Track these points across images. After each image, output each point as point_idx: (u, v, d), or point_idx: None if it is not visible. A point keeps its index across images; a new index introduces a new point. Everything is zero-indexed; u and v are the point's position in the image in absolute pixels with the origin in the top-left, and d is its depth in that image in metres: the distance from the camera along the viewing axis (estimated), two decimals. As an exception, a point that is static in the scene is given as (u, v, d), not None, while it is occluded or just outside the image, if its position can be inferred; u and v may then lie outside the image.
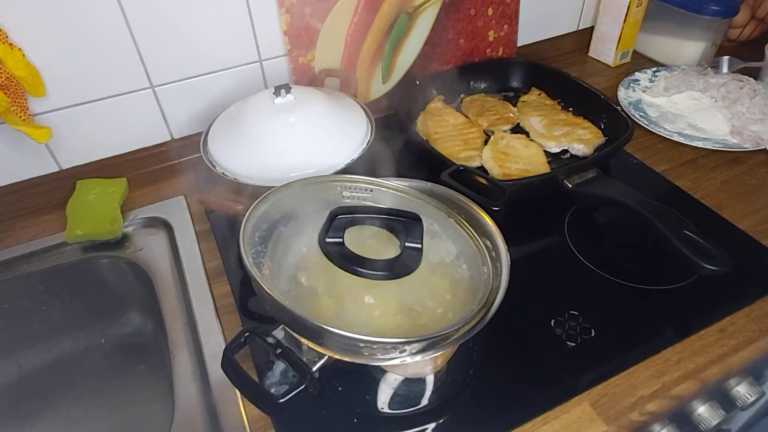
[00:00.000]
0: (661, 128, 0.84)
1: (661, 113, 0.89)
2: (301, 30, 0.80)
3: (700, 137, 0.82)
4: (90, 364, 0.76)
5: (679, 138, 0.81)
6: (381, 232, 0.50)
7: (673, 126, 0.85)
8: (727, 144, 0.80)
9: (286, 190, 0.53)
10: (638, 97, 0.93)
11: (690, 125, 0.85)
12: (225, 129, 0.70)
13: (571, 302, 0.61)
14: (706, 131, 0.84)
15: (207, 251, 0.71)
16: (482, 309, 0.45)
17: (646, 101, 0.92)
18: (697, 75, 0.94)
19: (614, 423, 0.51)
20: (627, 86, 0.94)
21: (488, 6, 0.93)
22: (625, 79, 0.96)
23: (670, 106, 0.90)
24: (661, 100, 0.92)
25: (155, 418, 0.69)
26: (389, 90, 0.92)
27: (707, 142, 0.80)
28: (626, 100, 0.91)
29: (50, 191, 0.78)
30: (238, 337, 0.45)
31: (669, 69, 0.98)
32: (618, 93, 0.92)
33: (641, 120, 0.85)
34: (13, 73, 0.65)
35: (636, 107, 0.90)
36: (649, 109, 0.90)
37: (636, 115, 0.86)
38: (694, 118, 0.87)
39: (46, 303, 0.74)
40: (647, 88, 0.95)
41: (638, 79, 0.97)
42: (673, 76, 0.95)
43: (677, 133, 0.83)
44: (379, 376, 0.52)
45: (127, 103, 0.77)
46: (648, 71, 0.98)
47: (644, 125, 0.84)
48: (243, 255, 0.45)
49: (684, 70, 0.96)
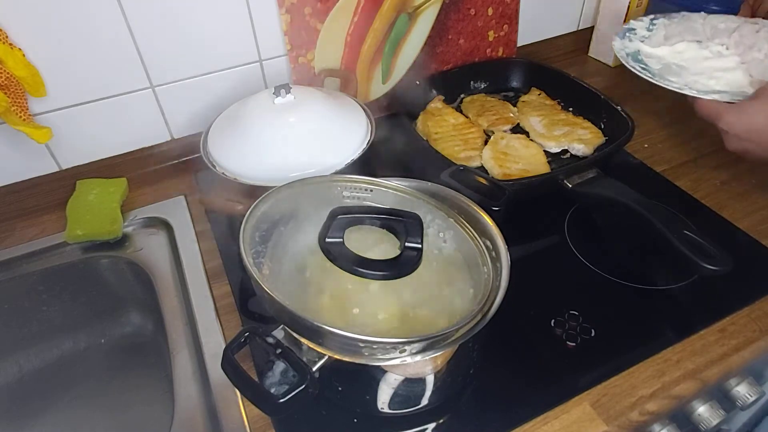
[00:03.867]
0: (666, 81, 0.70)
1: (664, 65, 0.75)
2: (301, 30, 0.80)
3: (715, 89, 0.69)
4: (90, 364, 0.76)
5: (690, 91, 0.67)
6: (381, 232, 0.50)
7: (680, 79, 0.71)
8: (746, 95, 0.66)
9: (286, 190, 0.53)
10: (636, 48, 0.78)
11: (699, 76, 0.72)
12: (225, 129, 0.70)
13: (571, 302, 0.61)
14: (720, 82, 0.71)
15: (207, 251, 0.71)
16: (482, 309, 0.45)
17: (646, 52, 0.78)
18: (702, 21, 0.81)
19: (614, 423, 0.51)
20: (623, 36, 0.80)
21: (488, 6, 0.93)
22: (620, 30, 0.82)
23: (673, 57, 0.77)
24: (663, 51, 0.78)
25: (155, 418, 0.69)
26: (389, 90, 0.92)
27: (724, 95, 0.66)
28: (623, 51, 0.77)
29: (50, 191, 0.78)
30: (238, 337, 0.45)
31: (668, 16, 0.84)
32: (613, 44, 0.79)
33: (642, 72, 0.72)
34: (14, 73, 0.65)
35: (635, 58, 0.76)
36: (650, 60, 0.76)
37: (636, 68, 0.73)
38: (703, 68, 0.74)
39: (46, 303, 0.74)
40: (645, 38, 0.80)
41: (634, 28, 0.82)
42: (672, 24, 0.81)
43: (687, 86, 0.69)
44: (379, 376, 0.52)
45: (127, 103, 0.77)
46: (645, 19, 0.84)
47: (648, 77, 0.71)
48: (243, 255, 0.45)
49: (685, 16, 0.83)
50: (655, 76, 0.71)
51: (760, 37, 0.74)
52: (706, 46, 0.76)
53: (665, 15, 0.83)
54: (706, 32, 0.79)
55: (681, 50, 0.77)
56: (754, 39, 0.74)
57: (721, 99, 0.64)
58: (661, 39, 0.80)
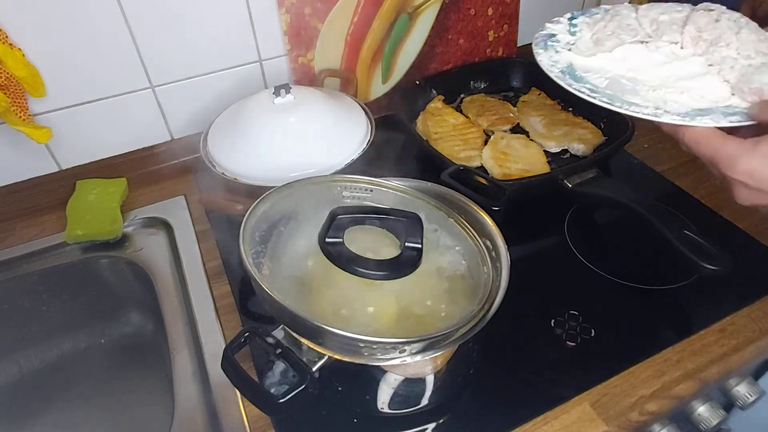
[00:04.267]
0: (627, 104, 0.49)
1: (610, 80, 0.54)
2: (301, 30, 0.80)
3: (697, 108, 0.48)
4: (90, 364, 0.76)
5: (671, 118, 0.47)
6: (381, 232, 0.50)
7: (640, 97, 0.51)
8: (741, 112, 0.47)
9: (286, 190, 0.53)
10: (568, 60, 0.57)
11: (664, 91, 0.51)
12: (225, 129, 0.70)
13: (571, 302, 0.61)
14: (695, 97, 0.51)
15: (207, 251, 0.71)
16: (482, 309, 0.45)
17: (581, 65, 0.57)
18: (635, 14, 0.61)
19: (614, 423, 0.51)
20: (545, 47, 0.59)
21: (488, 6, 0.93)
22: (536, 36, 0.61)
23: (617, 66, 0.56)
24: (601, 60, 0.57)
25: (155, 417, 0.69)
26: (389, 90, 0.92)
27: (714, 116, 0.46)
28: (555, 68, 0.56)
29: (50, 191, 0.78)
30: (238, 337, 0.45)
31: (587, 12, 0.64)
32: (538, 59, 0.57)
33: (594, 96, 0.51)
34: (13, 73, 0.65)
35: (574, 77, 0.54)
36: (592, 76, 0.55)
37: (584, 90, 0.52)
38: (662, 79, 0.53)
39: (46, 303, 0.73)
40: (571, 44, 0.60)
41: (554, 34, 0.61)
42: (598, 22, 0.62)
43: (658, 108, 0.48)
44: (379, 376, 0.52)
45: (127, 103, 0.77)
46: (562, 20, 0.63)
47: (605, 104, 0.49)
48: (243, 255, 0.45)
49: (610, 11, 0.62)
50: (611, 100, 0.50)
51: (721, 26, 0.54)
52: (655, 47, 0.56)
53: (584, 11, 0.64)
54: (646, 28, 0.59)
55: (624, 56, 0.57)
56: (716, 31, 0.54)
57: (714, 123, 0.46)
58: (590, 44, 0.59)
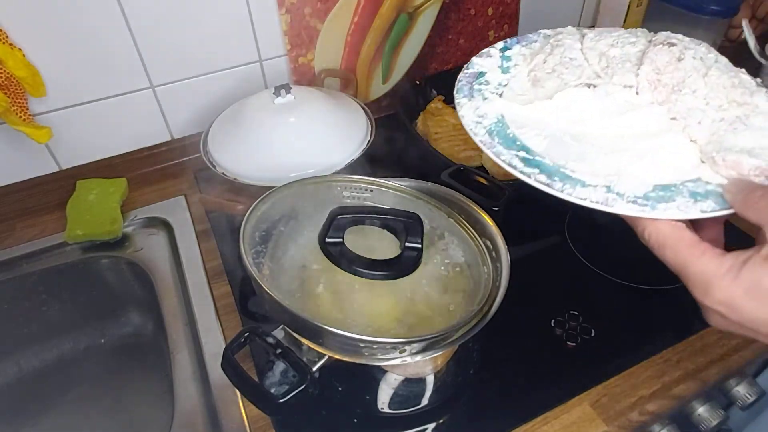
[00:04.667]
0: (571, 185, 0.37)
1: (550, 139, 0.42)
2: (301, 30, 0.80)
3: (658, 187, 0.37)
4: (90, 365, 0.76)
5: (622, 207, 0.35)
6: (381, 232, 0.50)
7: (585, 164, 0.39)
8: (715, 192, 0.36)
9: (286, 190, 0.53)
10: (498, 112, 0.45)
11: (617, 156, 0.40)
12: (225, 129, 0.70)
13: (571, 302, 0.61)
14: (657, 162, 0.39)
15: (207, 251, 0.71)
16: (482, 309, 0.45)
17: (514, 117, 0.44)
18: (581, 44, 0.48)
19: (614, 423, 0.51)
20: (468, 93, 0.47)
21: (488, 6, 0.93)
22: (459, 78, 0.48)
23: (559, 118, 0.43)
24: (540, 109, 0.44)
25: (155, 418, 0.69)
26: (389, 90, 0.92)
27: (681, 200, 0.36)
28: (479, 125, 0.43)
29: (50, 191, 0.78)
30: (238, 337, 0.45)
31: (524, 39, 0.52)
32: (459, 114, 0.45)
33: (528, 174, 0.39)
34: (14, 73, 0.65)
35: (505, 138, 0.42)
36: (529, 133, 0.42)
37: (515, 164, 0.40)
38: (615, 137, 0.41)
39: (46, 303, 0.73)
40: (503, 86, 0.47)
41: (483, 72, 0.49)
42: (533, 53, 0.49)
43: (607, 189, 0.37)
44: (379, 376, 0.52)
45: (127, 103, 0.77)
46: (492, 51, 0.51)
47: (542, 185, 0.38)
48: (243, 255, 0.45)
49: (553, 40, 0.49)
50: (551, 177, 0.38)
51: (685, 66, 0.41)
52: (605, 93, 0.43)
53: (520, 39, 0.52)
54: (594, 65, 0.46)
55: (567, 105, 0.44)
56: (679, 72, 0.42)
57: (682, 215, 0.35)
58: (527, 85, 0.47)
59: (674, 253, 0.35)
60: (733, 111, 0.40)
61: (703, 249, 0.34)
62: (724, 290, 0.32)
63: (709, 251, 0.34)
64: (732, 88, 0.41)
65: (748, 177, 0.36)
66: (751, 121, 0.40)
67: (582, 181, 0.38)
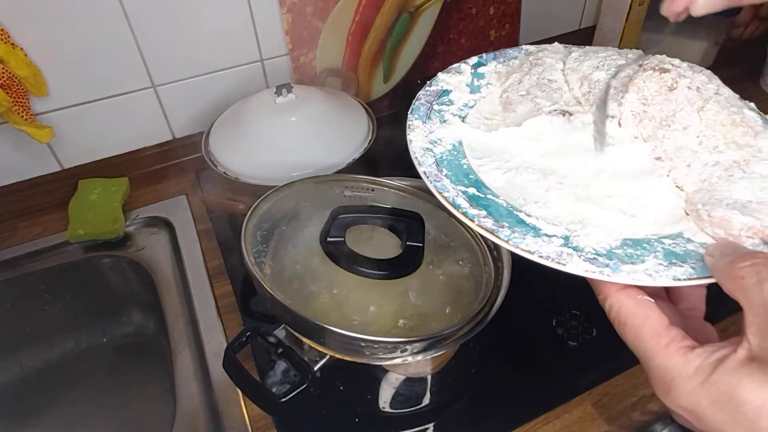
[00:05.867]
0: (521, 235, 0.33)
1: (513, 172, 0.37)
2: (302, 29, 0.80)
3: (625, 242, 0.32)
4: (92, 364, 0.76)
5: (576, 266, 0.31)
6: (382, 232, 0.50)
7: (552, 213, 0.34)
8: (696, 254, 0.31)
9: (288, 190, 0.53)
10: (457, 137, 0.40)
11: (583, 204, 0.34)
12: (226, 128, 0.70)
13: (572, 302, 0.61)
14: (632, 212, 0.33)
15: (208, 251, 0.71)
16: (483, 308, 0.45)
17: (473, 144, 0.40)
18: (562, 64, 0.43)
19: (615, 423, 0.51)
20: (424, 114, 0.42)
21: (490, 5, 0.92)
22: (418, 96, 0.45)
23: (525, 149, 0.39)
24: (505, 137, 0.39)
25: (157, 417, 0.69)
26: (390, 89, 0.92)
27: (650, 262, 0.30)
28: (422, 151, 0.39)
29: (52, 191, 0.78)
30: (239, 337, 0.46)
31: (502, 54, 0.47)
32: (408, 137, 0.40)
33: (471, 216, 0.34)
34: (16, 72, 0.65)
35: (456, 170, 0.37)
36: (488, 167, 0.38)
37: (455, 201, 0.35)
38: (589, 176, 0.36)
39: (48, 302, 0.74)
40: (468, 108, 0.43)
41: (448, 90, 0.45)
42: (509, 71, 0.45)
43: (564, 242, 0.32)
44: (380, 375, 0.52)
45: (128, 102, 0.77)
46: (463, 67, 0.48)
47: (482, 230, 0.33)
48: (244, 254, 0.45)
49: (533, 57, 0.44)
50: (502, 222, 0.33)
51: (677, 98, 0.35)
52: (582, 123, 0.38)
53: (498, 54, 0.48)
54: (575, 89, 0.41)
55: (536, 134, 0.38)
56: (670, 105, 0.36)
57: (650, 281, 0.29)
58: (497, 108, 0.42)
59: (635, 338, 0.29)
60: (730, 154, 0.33)
61: (670, 339, 0.28)
62: (687, 396, 0.27)
63: (674, 343, 0.27)
64: (732, 126, 0.34)
65: (738, 238, 0.30)
66: (751, 167, 0.33)
67: (536, 228, 0.32)
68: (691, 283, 0.29)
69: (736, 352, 0.25)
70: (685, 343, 0.27)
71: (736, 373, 0.25)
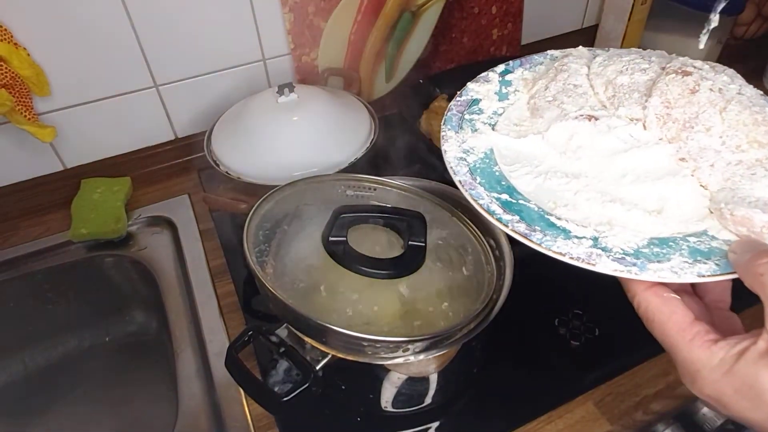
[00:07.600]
0: (553, 236, 0.34)
1: (543, 177, 0.38)
2: (304, 29, 0.80)
3: (652, 240, 0.33)
4: (94, 363, 0.76)
5: (606, 266, 0.32)
6: (385, 231, 0.50)
7: (576, 210, 0.36)
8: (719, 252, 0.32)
9: (290, 189, 0.53)
10: (488, 145, 0.41)
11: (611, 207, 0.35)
12: (228, 128, 0.70)
13: (575, 301, 0.61)
14: (659, 213, 0.35)
15: (211, 250, 0.71)
16: (486, 308, 0.45)
17: (504, 151, 0.41)
18: (587, 69, 0.44)
19: (618, 422, 0.51)
20: (456, 124, 0.43)
21: (492, 4, 0.92)
22: (450, 107, 0.45)
23: (552, 153, 0.40)
24: (533, 144, 0.41)
25: (159, 415, 0.69)
26: (393, 89, 0.92)
27: (676, 260, 0.31)
28: (463, 165, 0.40)
29: (55, 190, 0.78)
30: (241, 336, 0.46)
31: (528, 61, 0.48)
32: (443, 148, 0.41)
33: (505, 221, 0.35)
34: (18, 72, 0.65)
35: (489, 177, 0.39)
36: (519, 173, 0.39)
37: (489, 207, 0.36)
38: (612, 179, 0.37)
39: (50, 301, 0.74)
40: (498, 116, 0.44)
41: (478, 99, 0.46)
42: (536, 77, 0.46)
43: (593, 243, 0.34)
44: (382, 374, 0.52)
45: (131, 102, 0.77)
46: (491, 76, 0.48)
47: (516, 234, 0.34)
48: (246, 254, 0.45)
49: (558, 62, 0.45)
50: (535, 225, 0.35)
51: (700, 100, 0.36)
52: (608, 127, 0.39)
53: (524, 61, 0.48)
54: (600, 94, 0.42)
55: (564, 139, 0.40)
56: (692, 107, 0.36)
57: (675, 278, 0.31)
58: (525, 114, 0.44)
59: (662, 333, 0.32)
60: (753, 153, 0.34)
61: (694, 333, 0.30)
62: (712, 385, 0.29)
63: (699, 337, 0.30)
64: (754, 126, 0.35)
65: (760, 235, 0.31)
66: None
67: (567, 230, 0.34)
68: (715, 279, 0.31)
69: (756, 344, 0.28)
70: (709, 337, 0.30)
71: (755, 364, 0.27)
